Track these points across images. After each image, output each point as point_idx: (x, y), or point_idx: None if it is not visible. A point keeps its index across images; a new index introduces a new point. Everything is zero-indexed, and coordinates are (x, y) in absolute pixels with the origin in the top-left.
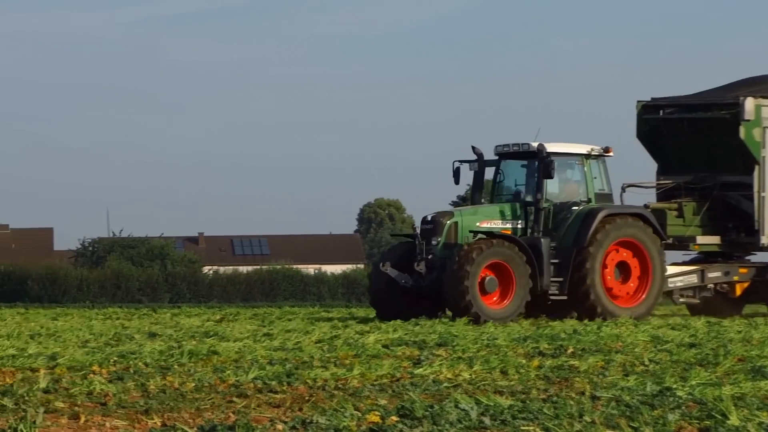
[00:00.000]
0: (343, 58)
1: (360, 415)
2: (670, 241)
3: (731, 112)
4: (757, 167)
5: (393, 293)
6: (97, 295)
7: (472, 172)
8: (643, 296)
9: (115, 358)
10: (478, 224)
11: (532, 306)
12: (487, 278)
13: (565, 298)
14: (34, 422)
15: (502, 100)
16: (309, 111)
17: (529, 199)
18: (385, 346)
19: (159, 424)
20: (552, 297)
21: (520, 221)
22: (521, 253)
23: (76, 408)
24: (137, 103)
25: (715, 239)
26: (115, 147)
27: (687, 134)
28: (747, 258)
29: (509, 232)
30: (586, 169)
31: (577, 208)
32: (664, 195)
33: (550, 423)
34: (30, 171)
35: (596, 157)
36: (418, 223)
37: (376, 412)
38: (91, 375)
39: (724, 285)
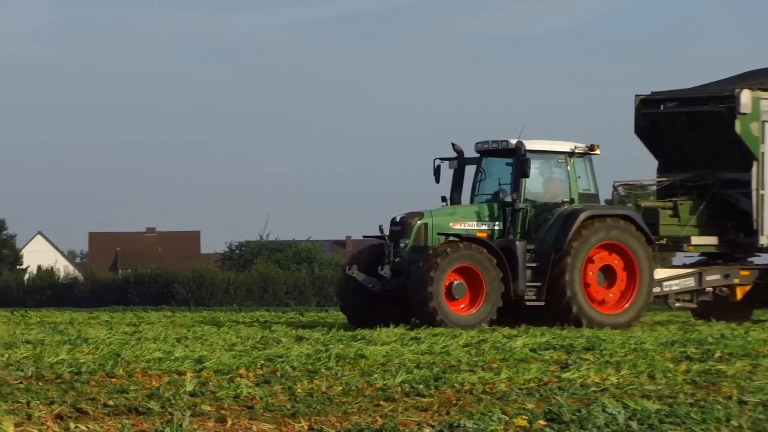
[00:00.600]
0: (487, 59)
1: (507, 419)
2: (664, 242)
3: (728, 105)
4: (755, 163)
5: (362, 298)
6: (243, 298)
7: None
8: (629, 303)
9: (262, 362)
10: (451, 225)
11: (510, 312)
12: (455, 283)
13: (542, 303)
14: (181, 425)
15: None
16: (452, 112)
17: (507, 199)
18: (533, 350)
19: (306, 427)
20: (528, 302)
21: (497, 222)
22: (491, 256)
23: (223, 411)
24: (285, 109)
25: (712, 240)
26: (263, 151)
27: (685, 129)
28: (749, 260)
29: (485, 235)
30: (569, 168)
31: (559, 209)
32: (663, 193)
33: (697, 427)
34: (178, 174)
35: (581, 155)
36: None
37: (524, 416)
38: (238, 378)
39: (724, 288)
